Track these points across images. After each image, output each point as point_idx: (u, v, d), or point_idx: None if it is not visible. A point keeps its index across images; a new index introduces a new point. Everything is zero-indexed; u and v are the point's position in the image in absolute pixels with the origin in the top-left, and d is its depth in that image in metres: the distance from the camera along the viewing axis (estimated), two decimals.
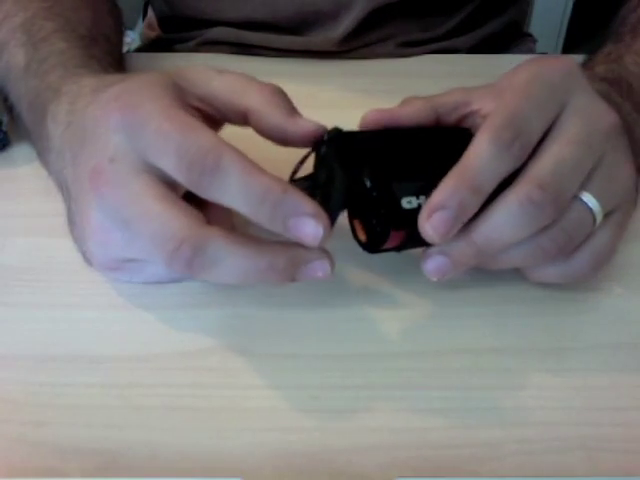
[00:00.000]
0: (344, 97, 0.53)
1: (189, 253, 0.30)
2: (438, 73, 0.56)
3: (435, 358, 0.34)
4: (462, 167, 0.31)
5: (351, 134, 0.33)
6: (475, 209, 0.31)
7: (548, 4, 1.42)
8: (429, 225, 0.30)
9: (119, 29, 0.53)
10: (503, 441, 0.31)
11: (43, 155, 0.40)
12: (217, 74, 0.34)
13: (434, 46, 0.60)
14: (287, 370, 0.33)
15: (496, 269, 0.35)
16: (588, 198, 0.32)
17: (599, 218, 0.32)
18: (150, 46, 0.70)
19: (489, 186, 0.31)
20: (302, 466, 0.30)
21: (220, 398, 0.32)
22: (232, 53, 0.59)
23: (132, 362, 0.34)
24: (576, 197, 0.32)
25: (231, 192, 0.29)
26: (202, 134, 0.30)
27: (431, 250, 0.32)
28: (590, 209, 0.32)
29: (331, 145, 0.32)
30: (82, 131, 0.34)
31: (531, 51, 0.70)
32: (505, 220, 0.31)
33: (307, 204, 0.30)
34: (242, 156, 0.30)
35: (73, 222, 0.36)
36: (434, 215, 0.30)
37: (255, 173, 0.29)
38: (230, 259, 0.30)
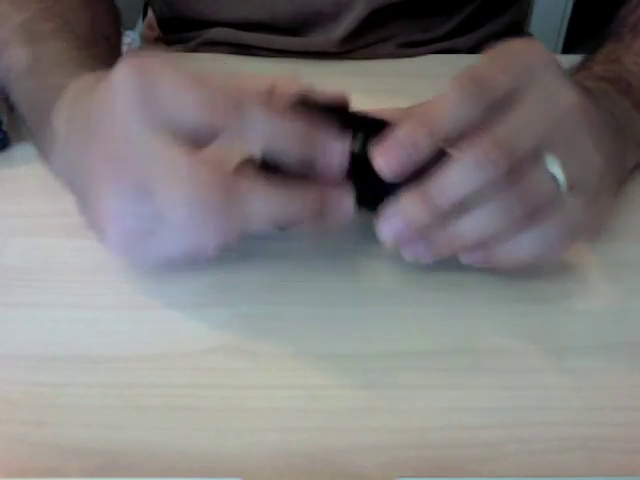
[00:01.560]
0: None
1: (226, 197, 0.30)
2: (438, 73, 0.56)
3: (435, 358, 0.34)
4: (424, 109, 0.32)
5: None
6: (427, 150, 0.31)
7: (548, 4, 1.42)
8: (380, 157, 0.31)
9: (118, 29, 0.53)
10: (503, 441, 0.31)
11: (46, 154, 0.40)
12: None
13: (435, 47, 0.60)
14: (287, 370, 0.33)
15: (450, 252, 0.34)
16: (550, 162, 0.32)
17: (562, 183, 0.32)
18: (150, 46, 0.70)
19: (444, 131, 0.31)
20: (302, 466, 0.30)
21: (220, 398, 0.32)
22: (231, 54, 0.59)
23: (132, 362, 0.34)
24: (536, 161, 0.32)
25: (257, 125, 0.30)
26: (219, 83, 0.31)
27: (386, 212, 0.33)
28: (552, 174, 0.32)
29: None
30: (88, 118, 0.34)
31: None
32: (459, 173, 0.31)
33: (330, 129, 0.32)
34: (259, 97, 0.31)
35: (88, 208, 0.35)
36: (387, 148, 0.31)
37: (276, 110, 0.31)
38: (262, 202, 0.31)
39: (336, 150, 0.32)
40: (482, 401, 0.32)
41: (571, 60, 0.46)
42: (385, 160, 0.31)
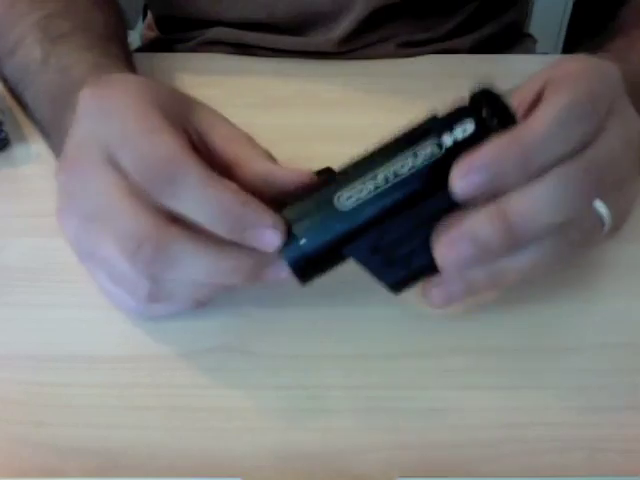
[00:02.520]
0: (344, 97, 0.52)
1: (150, 253, 0.29)
2: (438, 73, 0.56)
3: (435, 358, 0.34)
4: (518, 133, 0.28)
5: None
6: (514, 183, 0.28)
7: (548, 4, 1.42)
8: (459, 183, 0.28)
9: (125, 31, 0.53)
10: (503, 441, 0.31)
11: (59, 148, 0.40)
12: (223, 122, 0.34)
13: (434, 47, 0.60)
14: (287, 370, 0.34)
15: (486, 291, 0.33)
16: (600, 205, 0.31)
17: (608, 224, 0.31)
18: (150, 46, 0.70)
19: (538, 165, 0.28)
20: (302, 466, 0.30)
21: (220, 398, 0.32)
22: (231, 53, 0.59)
23: (132, 362, 0.34)
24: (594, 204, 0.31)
25: (187, 204, 0.29)
26: (166, 141, 0.29)
27: (451, 236, 0.29)
28: (603, 219, 0.31)
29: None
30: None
31: (531, 52, 0.70)
32: (544, 200, 0.28)
33: (266, 216, 0.29)
34: (201, 168, 0.29)
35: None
36: (468, 174, 0.28)
37: (213, 186, 0.29)
38: (192, 259, 0.29)
39: (267, 239, 0.29)
40: (482, 401, 0.32)
41: None
42: (464, 188, 0.28)
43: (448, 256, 0.29)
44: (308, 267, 0.30)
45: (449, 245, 0.29)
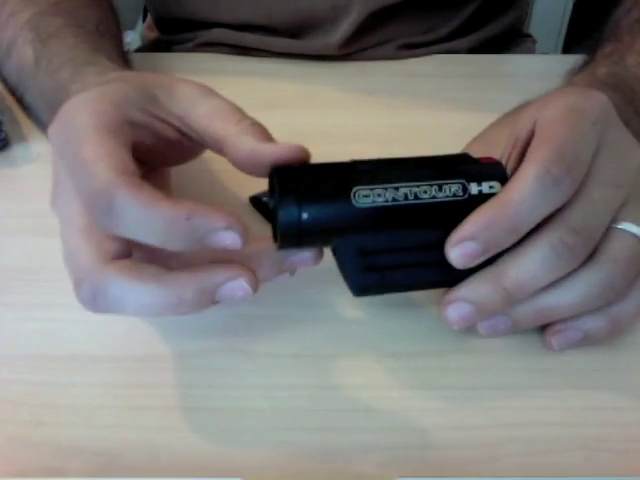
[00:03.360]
0: (344, 97, 0.53)
1: (89, 293, 0.29)
2: (438, 73, 0.56)
3: (435, 358, 0.34)
4: (502, 201, 0.29)
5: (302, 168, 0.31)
6: (507, 246, 0.30)
7: (548, 4, 1.42)
8: (454, 253, 0.30)
9: (120, 27, 0.53)
10: (503, 441, 0.31)
11: None
12: (204, 98, 0.33)
13: (434, 48, 0.60)
14: (287, 370, 0.34)
15: (551, 320, 0.33)
16: (630, 226, 0.31)
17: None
18: (150, 46, 0.70)
19: (528, 226, 0.29)
20: (302, 466, 0.30)
21: (220, 398, 0.32)
22: (230, 55, 0.59)
23: (132, 362, 0.34)
24: (615, 229, 0.31)
25: (133, 230, 0.28)
26: (99, 170, 0.28)
27: (452, 296, 0.31)
28: (636, 235, 0.31)
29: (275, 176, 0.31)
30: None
31: (531, 52, 0.70)
32: (537, 264, 0.30)
33: (217, 219, 0.28)
34: (137, 192, 0.28)
35: None
36: (462, 244, 0.29)
37: (152, 207, 0.27)
38: (133, 297, 0.28)
39: (228, 240, 0.28)
40: (482, 401, 0.32)
41: (571, 60, 0.46)
42: (457, 254, 0.30)
43: (449, 318, 0.32)
44: (294, 237, 0.30)
45: (451, 306, 0.31)
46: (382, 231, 0.31)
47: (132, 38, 1.09)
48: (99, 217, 0.28)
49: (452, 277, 0.31)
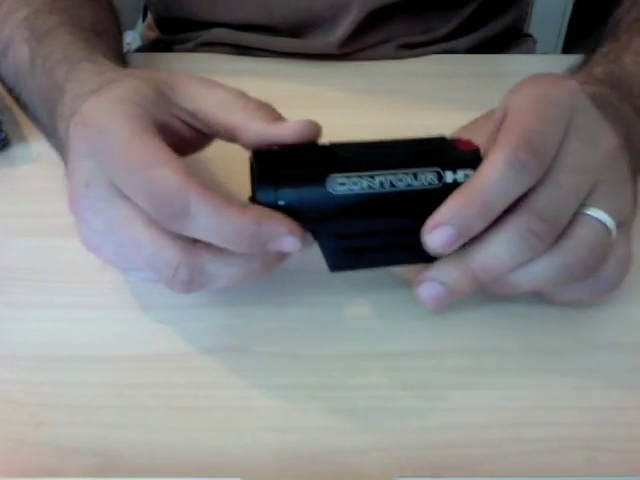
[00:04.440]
0: (344, 97, 0.53)
1: (187, 276, 0.30)
2: (438, 73, 0.56)
3: (435, 358, 0.34)
4: (473, 186, 0.30)
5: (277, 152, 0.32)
6: (480, 230, 0.30)
7: (548, 4, 1.42)
8: (429, 238, 0.30)
9: (119, 27, 0.53)
10: (503, 441, 0.31)
11: (60, 150, 0.40)
12: (207, 90, 0.34)
13: (434, 48, 0.60)
14: (287, 370, 0.33)
15: (512, 294, 0.34)
16: (597, 213, 0.31)
17: (614, 229, 0.32)
18: (150, 46, 0.70)
19: (499, 209, 0.30)
20: (302, 466, 0.30)
21: (220, 398, 0.32)
22: (230, 54, 0.59)
23: (132, 362, 0.34)
24: (582, 214, 0.31)
25: (204, 232, 0.29)
26: (167, 174, 0.29)
27: (424, 276, 0.32)
28: (603, 222, 0.31)
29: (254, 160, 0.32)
30: (67, 147, 0.34)
31: (531, 52, 0.70)
32: (503, 249, 0.30)
33: (281, 225, 0.30)
34: (210, 195, 0.29)
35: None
36: (436, 230, 0.30)
37: (225, 211, 0.29)
38: (227, 271, 0.31)
39: (289, 245, 0.30)
40: (482, 401, 0.32)
41: (571, 60, 0.46)
42: (433, 240, 0.30)
43: (422, 296, 0.32)
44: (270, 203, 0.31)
45: (425, 288, 0.32)
46: (358, 217, 0.31)
47: (132, 38, 1.09)
48: (169, 219, 0.29)
49: (426, 258, 0.32)
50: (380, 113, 0.50)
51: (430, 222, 0.30)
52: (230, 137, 0.33)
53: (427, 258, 0.32)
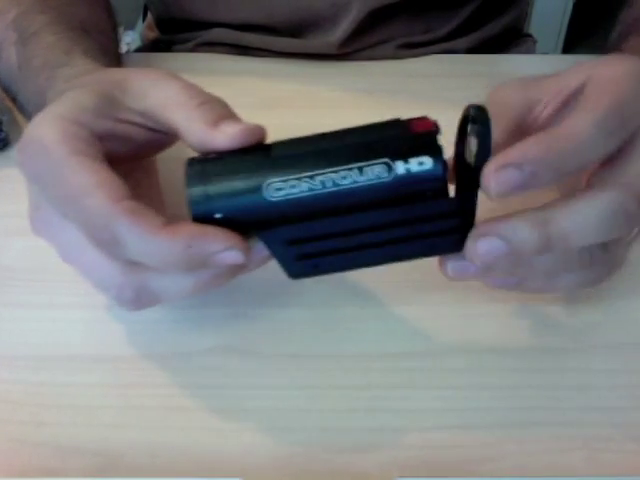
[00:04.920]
0: (344, 97, 0.52)
1: (133, 295, 0.30)
2: (438, 73, 0.56)
3: (435, 358, 0.34)
4: (556, 136, 0.28)
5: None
6: (546, 185, 0.28)
7: (548, 4, 1.42)
8: (494, 178, 0.27)
9: (114, 25, 0.53)
10: (503, 441, 0.31)
11: None
12: (156, 86, 0.32)
13: (434, 48, 0.60)
14: (287, 370, 0.33)
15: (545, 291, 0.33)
16: None
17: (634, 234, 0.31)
18: (150, 46, 0.70)
19: (573, 166, 0.28)
20: (302, 466, 0.30)
21: (220, 398, 0.32)
22: (230, 54, 0.59)
23: (132, 362, 0.34)
24: None
25: (138, 257, 0.28)
26: (94, 203, 0.28)
27: (488, 228, 0.28)
28: None
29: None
30: None
31: (531, 52, 0.70)
32: (592, 222, 0.28)
33: (215, 242, 0.28)
34: (138, 221, 0.28)
35: None
36: (505, 170, 0.27)
37: (153, 238, 0.28)
38: (174, 287, 0.30)
39: (230, 259, 0.28)
40: (482, 401, 0.32)
41: (571, 60, 0.46)
42: (496, 180, 0.27)
43: (478, 250, 0.29)
44: (207, 217, 0.29)
45: (481, 240, 0.29)
46: (304, 221, 0.29)
47: (132, 38, 1.09)
48: (105, 246, 0.29)
49: (395, 255, 0.30)
50: (380, 113, 0.50)
51: (499, 159, 0.27)
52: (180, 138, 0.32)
53: (396, 256, 0.30)
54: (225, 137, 0.29)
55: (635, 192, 0.28)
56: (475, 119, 0.28)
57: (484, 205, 0.29)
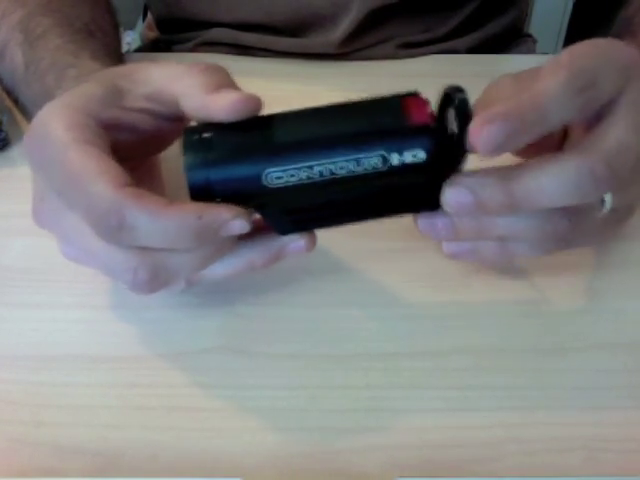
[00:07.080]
0: (344, 97, 0.52)
1: (148, 275, 0.30)
2: (438, 73, 0.56)
3: (435, 358, 0.34)
4: (531, 94, 0.28)
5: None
6: (529, 140, 0.28)
7: (548, 4, 1.42)
8: (482, 133, 0.27)
9: (116, 26, 0.53)
10: (503, 441, 0.31)
11: None
12: (157, 67, 0.32)
13: (434, 47, 0.60)
14: (287, 370, 0.33)
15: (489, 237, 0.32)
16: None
17: (608, 205, 0.31)
18: (150, 46, 0.70)
19: (549, 124, 0.28)
20: (302, 466, 0.30)
21: (220, 398, 0.32)
22: (230, 54, 0.59)
23: (132, 362, 0.34)
24: None
25: (148, 240, 0.29)
26: (98, 190, 0.28)
27: (458, 179, 0.29)
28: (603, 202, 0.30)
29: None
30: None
31: (531, 52, 0.70)
32: (555, 184, 0.28)
33: (225, 212, 0.29)
34: (145, 202, 0.28)
35: None
36: (492, 124, 0.27)
37: (163, 214, 0.28)
38: (185, 262, 0.30)
39: (238, 228, 0.29)
40: (482, 401, 0.32)
41: None
42: (484, 135, 0.27)
43: (446, 198, 0.29)
44: (205, 199, 0.30)
45: (452, 188, 0.29)
46: (300, 202, 0.30)
47: (132, 38, 1.09)
48: (112, 235, 0.29)
49: (371, 216, 0.32)
50: None
51: (485, 114, 0.27)
52: (182, 112, 0.32)
53: (378, 214, 0.32)
54: (224, 102, 0.29)
55: (606, 158, 0.28)
56: (452, 94, 0.30)
57: None
